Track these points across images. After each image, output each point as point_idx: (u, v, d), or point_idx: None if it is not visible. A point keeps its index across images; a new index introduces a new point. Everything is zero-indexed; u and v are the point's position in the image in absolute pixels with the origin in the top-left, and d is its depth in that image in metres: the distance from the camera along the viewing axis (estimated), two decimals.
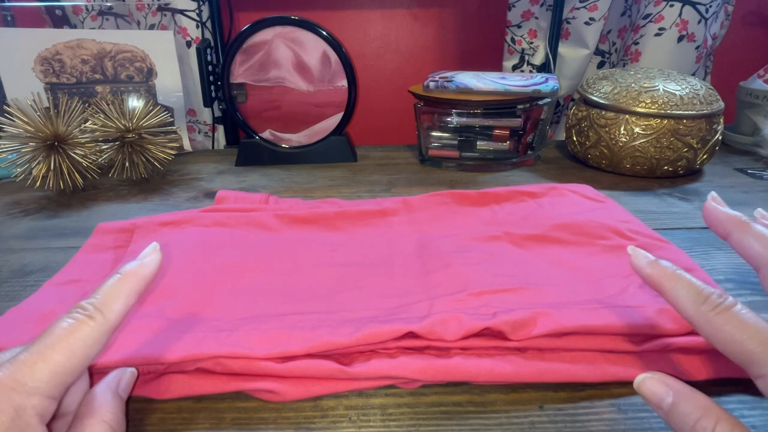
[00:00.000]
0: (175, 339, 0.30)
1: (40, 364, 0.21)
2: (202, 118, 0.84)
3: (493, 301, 0.34)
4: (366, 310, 0.34)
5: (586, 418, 0.27)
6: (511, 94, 0.63)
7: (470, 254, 0.41)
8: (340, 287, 0.37)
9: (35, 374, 0.20)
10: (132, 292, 0.24)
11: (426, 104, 0.66)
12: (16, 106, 0.56)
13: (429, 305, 0.33)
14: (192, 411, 0.28)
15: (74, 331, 0.22)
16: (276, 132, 0.71)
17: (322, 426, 0.27)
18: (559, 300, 0.34)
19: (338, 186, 0.62)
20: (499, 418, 0.27)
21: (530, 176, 0.64)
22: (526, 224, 0.47)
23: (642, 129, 0.59)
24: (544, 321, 0.30)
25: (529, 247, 0.42)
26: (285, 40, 0.66)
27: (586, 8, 0.76)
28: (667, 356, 0.30)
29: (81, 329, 0.22)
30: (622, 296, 0.34)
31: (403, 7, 0.86)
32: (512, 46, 0.83)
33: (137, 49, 0.71)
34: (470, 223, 0.48)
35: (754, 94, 0.71)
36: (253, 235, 0.45)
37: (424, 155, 0.69)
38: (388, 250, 0.43)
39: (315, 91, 0.68)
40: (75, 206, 0.57)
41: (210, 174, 0.67)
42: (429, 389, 0.29)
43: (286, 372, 0.29)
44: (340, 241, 0.45)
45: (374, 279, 0.38)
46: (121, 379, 0.26)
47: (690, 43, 0.76)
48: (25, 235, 0.50)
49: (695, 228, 0.49)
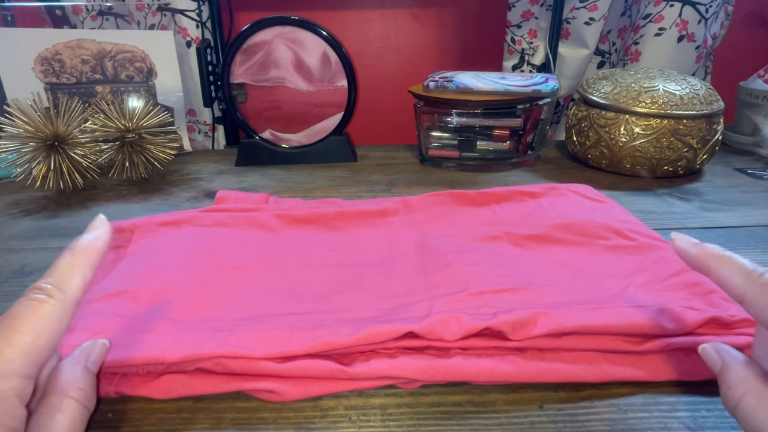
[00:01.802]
0: (175, 339, 0.30)
1: (9, 348, 0.20)
2: (202, 118, 0.84)
3: (493, 301, 0.34)
4: (366, 310, 0.34)
5: (586, 418, 0.27)
6: (511, 94, 0.63)
7: (470, 254, 0.41)
8: (339, 287, 0.37)
9: (6, 357, 0.20)
10: (87, 267, 0.24)
11: (426, 104, 0.66)
12: (16, 106, 0.56)
13: (429, 305, 0.33)
14: (192, 411, 0.28)
15: (36, 311, 0.22)
16: (276, 132, 0.71)
17: (322, 426, 0.27)
18: (559, 300, 0.34)
19: (338, 186, 0.62)
20: (499, 418, 0.27)
21: (530, 176, 0.64)
22: (526, 224, 0.47)
23: (642, 129, 0.59)
24: (544, 321, 0.30)
25: (529, 247, 0.42)
26: (285, 40, 0.66)
27: (586, 8, 0.76)
28: (667, 356, 0.30)
29: (43, 308, 0.22)
30: (622, 296, 0.34)
31: (403, 7, 0.86)
32: (512, 46, 0.83)
33: (137, 49, 0.71)
34: (470, 223, 0.48)
35: (754, 94, 0.71)
36: (253, 235, 0.45)
37: (424, 155, 0.69)
38: (388, 250, 0.43)
39: (315, 91, 0.68)
40: (75, 206, 0.57)
41: (210, 174, 0.67)
42: (429, 389, 0.29)
43: (286, 372, 0.29)
44: (339, 241, 0.45)
45: (374, 279, 0.38)
46: (91, 352, 0.26)
47: (690, 43, 0.76)
48: (25, 235, 0.50)
49: (695, 228, 0.49)
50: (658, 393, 0.29)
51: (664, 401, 0.28)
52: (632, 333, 0.30)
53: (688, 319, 0.31)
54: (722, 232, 0.48)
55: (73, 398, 0.23)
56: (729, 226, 0.49)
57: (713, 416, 0.27)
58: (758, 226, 0.49)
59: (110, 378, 0.29)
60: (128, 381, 0.29)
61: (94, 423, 0.27)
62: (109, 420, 0.28)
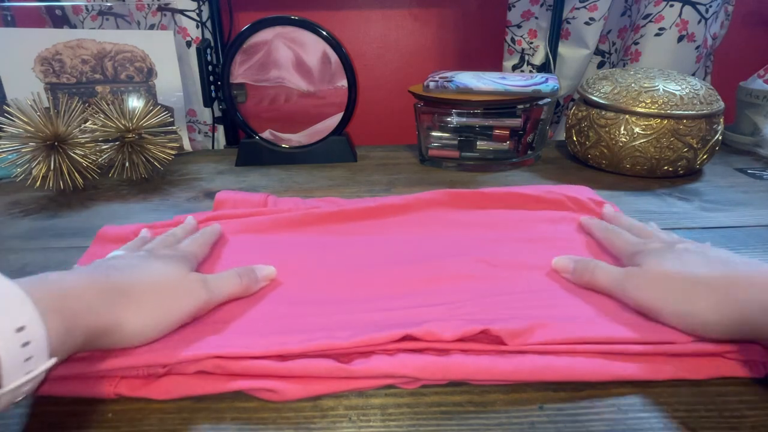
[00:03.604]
0: (175, 341, 0.30)
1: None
2: (202, 118, 0.84)
3: (490, 306, 0.34)
4: (362, 312, 0.34)
5: (586, 418, 0.27)
6: (511, 94, 0.63)
7: (468, 257, 0.41)
8: (335, 289, 0.38)
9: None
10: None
11: (426, 104, 0.66)
12: (16, 106, 0.56)
13: (426, 311, 0.33)
14: (192, 411, 0.28)
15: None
16: (276, 132, 0.71)
17: (322, 426, 0.27)
18: (557, 306, 0.34)
19: (338, 186, 0.62)
20: (499, 418, 0.27)
21: (530, 176, 0.64)
22: (525, 228, 0.47)
23: (642, 129, 0.59)
24: (542, 332, 0.30)
25: (527, 252, 0.42)
26: (285, 40, 0.66)
27: (586, 8, 0.76)
28: (667, 356, 0.30)
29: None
30: (621, 306, 0.34)
31: (403, 7, 0.86)
32: (512, 46, 0.83)
33: (137, 49, 0.71)
34: (468, 224, 0.48)
35: (754, 94, 0.71)
36: (248, 239, 0.45)
37: (424, 155, 0.69)
38: (385, 252, 0.43)
39: (315, 91, 0.68)
40: (75, 206, 0.57)
41: (210, 174, 0.67)
42: (429, 389, 0.29)
43: (286, 371, 0.29)
44: (336, 242, 0.45)
45: (371, 281, 0.38)
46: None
47: (690, 43, 0.76)
48: (25, 235, 0.50)
49: (695, 228, 0.49)
50: (658, 393, 0.29)
51: (664, 401, 0.28)
52: (631, 343, 0.30)
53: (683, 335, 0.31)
54: (722, 232, 0.48)
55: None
56: (729, 226, 0.49)
57: (713, 416, 0.27)
58: (758, 226, 0.49)
59: (110, 380, 0.29)
60: (128, 383, 0.29)
61: (94, 423, 0.27)
62: (109, 420, 0.28)
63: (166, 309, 0.30)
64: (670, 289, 0.31)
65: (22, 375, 0.22)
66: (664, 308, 0.31)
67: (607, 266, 0.36)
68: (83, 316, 0.25)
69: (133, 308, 0.28)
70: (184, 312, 0.31)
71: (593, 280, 0.36)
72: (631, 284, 0.33)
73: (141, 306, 0.29)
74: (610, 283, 0.35)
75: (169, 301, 0.30)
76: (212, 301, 0.33)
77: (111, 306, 0.27)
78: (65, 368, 0.28)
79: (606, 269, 0.36)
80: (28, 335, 0.22)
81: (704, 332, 0.29)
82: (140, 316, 0.28)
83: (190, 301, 0.32)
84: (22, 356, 0.21)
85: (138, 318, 0.28)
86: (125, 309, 0.28)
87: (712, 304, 0.29)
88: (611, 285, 0.35)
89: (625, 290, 0.33)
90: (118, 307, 0.28)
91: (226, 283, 0.35)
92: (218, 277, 0.35)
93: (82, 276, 0.28)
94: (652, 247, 0.35)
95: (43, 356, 0.23)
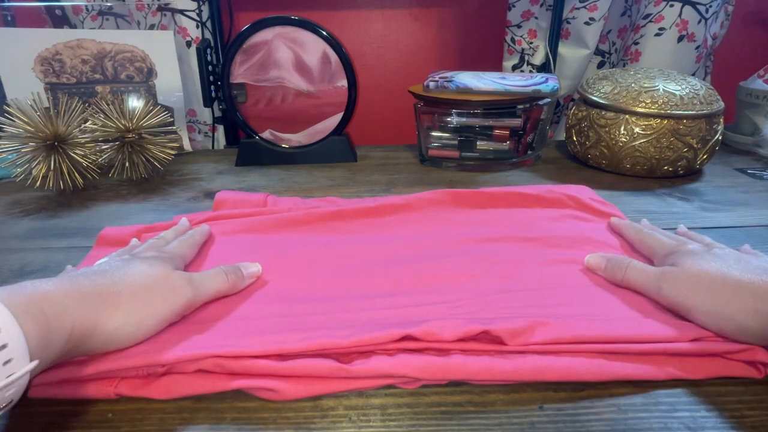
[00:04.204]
0: (174, 341, 0.30)
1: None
2: (202, 118, 0.84)
3: (490, 304, 0.34)
4: (362, 311, 0.34)
5: (586, 418, 0.27)
6: (511, 94, 0.63)
7: (467, 257, 0.41)
8: (335, 288, 0.38)
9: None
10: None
11: (426, 104, 0.66)
12: (16, 106, 0.56)
13: (426, 310, 0.33)
14: (192, 411, 0.28)
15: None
16: (276, 132, 0.71)
17: (322, 426, 0.27)
18: (557, 305, 0.34)
19: (338, 186, 0.62)
20: (499, 418, 0.27)
21: (530, 176, 0.64)
22: (525, 227, 0.47)
23: (642, 129, 0.59)
24: (542, 331, 0.30)
25: (527, 251, 0.42)
26: (285, 40, 0.66)
27: (586, 8, 0.76)
28: (667, 356, 0.30)
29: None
30: (621, 305, 0.34)
31: (403, 7, 0.86)
32: (512, 46, 0.83)
33: (137, 49, 0.71)
34: (467, 224, 0.48)
35: (754, 94, 0.71)
36: (248, 239, 0.45)
37: (424, 155, 0.69)
38: (385, 251, 0.43)
39: (315, 91, 0.68)
40: (75, 206, 0.57)
41: (210, 174, 0.67)
42: (429, 389, 0.29)
43: (286, 371, 0.29)
44: (335, 241, 0.45)
45: (371, 280, 0.38)
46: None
47: (690, 43, 0.76)
48: (25, 235, 0.50)
49: (695, 228, 0.49)
50: (658, 393, 0.29)
51: (664, 401, 0.28)
52: (631, 342, 0.30)
53: (684, 332, 0.31)
54: (722, 232, 0.48)
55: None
56: (729, 226, 0.49)
57: (713, 416, 0.27)
58: (758, 226, 0.49)
59: (110, 381, 0.29)
60: (128, 383, 0.29)
61: (94, 423, 0.27)
62: (109, 420, 0.28)
63: (150, 308, 0.30)
64: (708, 290, 0.31)
65: (3, 378, 0.22)
66: (700, 307, 0.31)
67: (641, 264, 0.36)
68: (60, 318, 0.25)
69: (112, 309, 0.28)
70: (170, 310, 0.31)
71: (626, 278, 0.36)
72: (667, 283, 0.33)
73: (122, 306, 0.29)
74: (645, 281, 0.35)
75: (153, 300, 0.30)
76: (198, 298, 0.33)
77: (91, 308, 0.27)
78: (61, 372, 0.28)
79: (640, 267, 0.36)
80: (4, 338, 0.22)
81: (736, 335, 0.30)
82: (122, 316, 0.28)
83: (175, 299, 0.32)
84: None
85: (120, 318, 0.28)
86: (105, 310, 0.28)
87: (750, 309, 0.29)
88: (645, 283, 0.35)
89: (660, 288, 0.33)
90: (98, 308, 0.27)
91: (213, 280, 0.35)
92: (204, 274, 0.35)
93: (61, 282, 0.27)
94: (689, 248, 0.35)
95: (24, 359, 0.22)
